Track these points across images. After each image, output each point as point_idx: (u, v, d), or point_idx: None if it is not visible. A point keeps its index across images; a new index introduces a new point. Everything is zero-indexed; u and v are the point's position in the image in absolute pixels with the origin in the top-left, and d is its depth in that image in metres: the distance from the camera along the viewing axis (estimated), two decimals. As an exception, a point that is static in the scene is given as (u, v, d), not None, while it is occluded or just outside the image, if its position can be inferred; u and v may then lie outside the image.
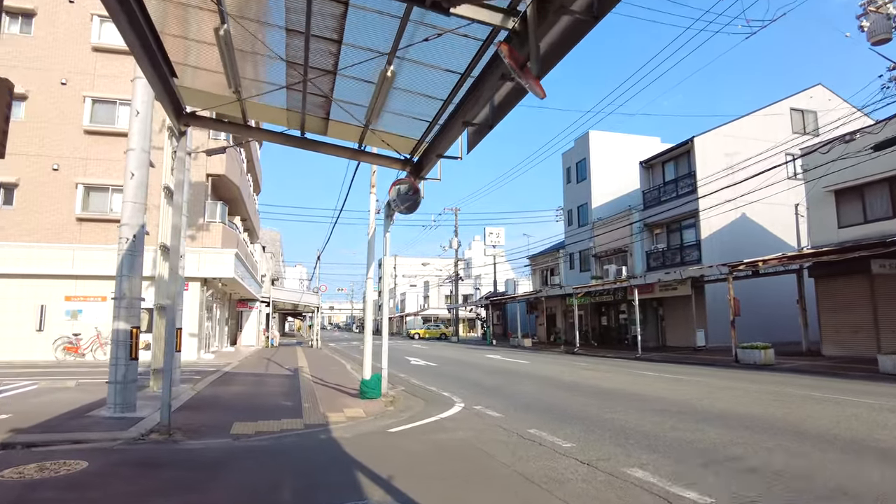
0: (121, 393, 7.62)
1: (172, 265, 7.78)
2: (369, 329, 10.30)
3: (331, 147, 7.71)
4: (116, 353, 7.70)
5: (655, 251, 29.18)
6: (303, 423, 7.85)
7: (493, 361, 20.29)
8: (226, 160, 20.57)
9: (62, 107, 19.25)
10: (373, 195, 10.43)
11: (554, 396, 10.45)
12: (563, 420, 7.94)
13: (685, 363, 19.30)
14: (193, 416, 8.16)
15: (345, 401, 9.95)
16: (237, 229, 23.85)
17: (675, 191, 28.14)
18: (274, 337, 35.37)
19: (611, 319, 32.91)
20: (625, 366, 17.81)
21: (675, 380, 12.93)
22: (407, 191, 8.17)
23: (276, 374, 15.57)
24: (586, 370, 15.90)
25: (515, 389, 11.62)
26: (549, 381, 13.04)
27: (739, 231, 26.95)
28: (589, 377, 13.91)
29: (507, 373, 15.44)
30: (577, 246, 35.75)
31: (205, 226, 20.00)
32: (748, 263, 19.01)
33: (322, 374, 15.59)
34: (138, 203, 8.30)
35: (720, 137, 27.51)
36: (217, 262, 19.66)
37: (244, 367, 17.44)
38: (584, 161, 35.63)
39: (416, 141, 7.42)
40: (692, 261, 26.78)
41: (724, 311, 25.94)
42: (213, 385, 12.07)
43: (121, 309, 7.82)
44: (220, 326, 27.18)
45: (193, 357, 19.32)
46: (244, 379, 13.73)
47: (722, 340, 25.25)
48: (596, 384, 12.32)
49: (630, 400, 9.77)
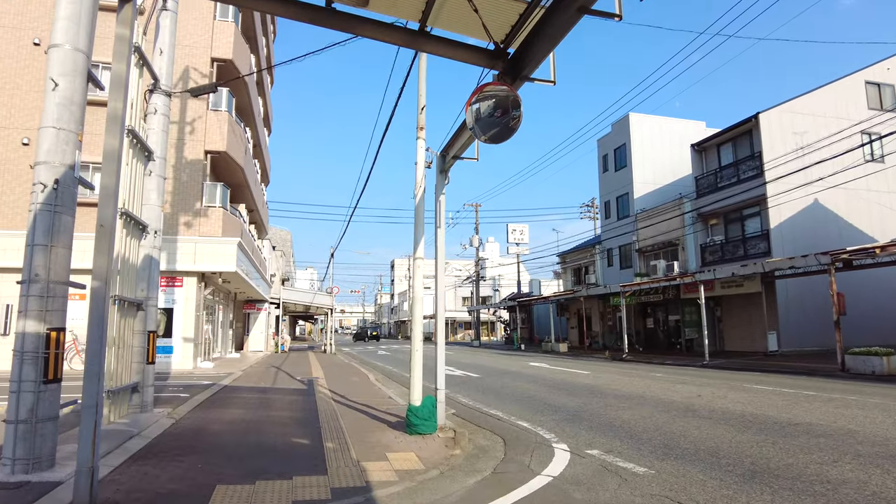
0: (24, 439, 4.54)
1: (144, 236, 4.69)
2: (418, 334, 7.14)
3: (373, 26, 4.61)
4: (19, 372, 4.63)
5: (712, 244, 25.83)
6: (328, 486, 4.75)
7: (541, 371, 17.08)
8: (227, 134, 17.58)
9: (35, 72, 16.38)
10: (421, 140, 7.32)
11: (682, 427, 7.26)
12: (767, 482, 4.76)
13: (773, 372, 15.98)
14: (152, 472, 5.07)
15: (384, 437, 6.83)
16: (241, 218, 20.84)
17: (736, 175, 24.80)
18: (284, 342, 32.36)
19: (658, 321, 29.53)
20: (708, 376, 14.53)
21: (825, 399, 9.66)
22: (494, 108, 5.06)
23: (286, 388, 12.48)
24: (669, 382, 12.68)
25: (615, 415, 8.43)
26: (645, 401, 9.84)
27: (812, 219, 23.57)
28: (688, 394, 10.68)
29: (573, 388, 12.25)
30: (616, 241, 32.44)
31: (202, 211, 17.01)
32: (857, 251, 15.68)
33: (343, 387, 12.50)
34: (65, 131, 5.24)
35: (787, 114, 24.15)
36: (216, 254, 16.64)
37: (247, 379, 14.37)
38: (623, 147, 32.35)
39: (512, 23, 4.34)
40: (758, 253, 23.42)
41: (799, 310, 22.57)
42: (202, 408, 8.99)
43: (30, 298, 4.75)
44: (223, 330, 24.19)
45: (189, 366, 16.30)
46: (245, 397, 10.63)
47: (797, 344, 21.89)
48: (717, 406, 9.09)
49: (814, 436, 6.55)
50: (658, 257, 28.71)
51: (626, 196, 31.96)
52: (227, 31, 17.99)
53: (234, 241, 16.91)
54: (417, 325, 7.16)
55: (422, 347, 7.08)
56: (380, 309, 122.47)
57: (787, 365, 17.46)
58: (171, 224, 16.75)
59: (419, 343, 7.05)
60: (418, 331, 7.14)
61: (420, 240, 7.24)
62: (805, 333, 22.12)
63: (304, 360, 23.44)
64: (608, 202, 33.89)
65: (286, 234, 62.11)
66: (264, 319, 31.16)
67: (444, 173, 7.45)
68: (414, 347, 7.04)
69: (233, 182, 20.08)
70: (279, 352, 31.41)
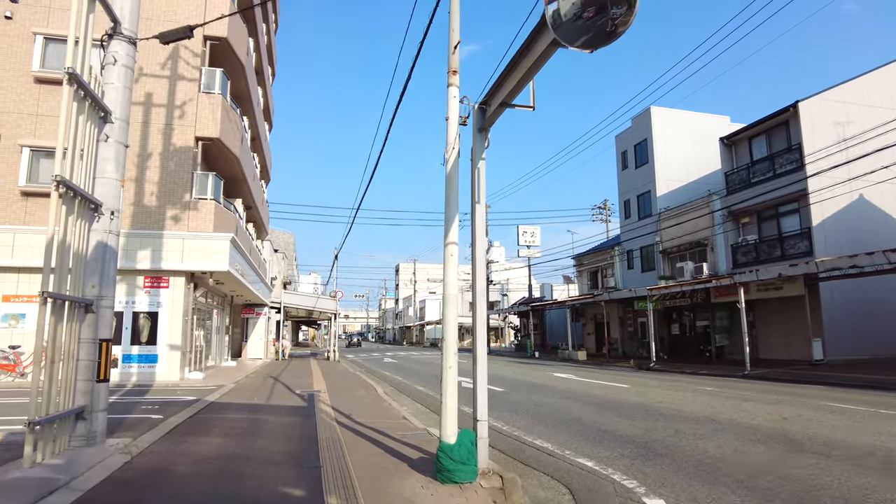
0: None
1: None
2: (452, 344, 5.30)
3: None
4: None
5: (744, 244, 23.94)
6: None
7: (571, 384, 15.23)
8: (220, 119, 15.84)
9: (5, 47, 14.70)
10: (454, 88, 5.53)
11: (803, 472, 5.43)
12: None
13: (837, 385, 14.08)
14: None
15: (406, 484, 5.00)
16: (237, 214, 19.08)
17: (772, 170, 22.94)
18: (284, 348, 30.53)
19: (684, 328, 27.60)
20: (768, 391, 12.63)
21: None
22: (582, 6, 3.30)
23: (282, 405, 10.66)
24: (727, 399, 10.83)
25: (697, 448, 6.60)
26: (721, 426, 7.99)
27: (857, 217, 21.69)
28: (767, 416, 8.82)
29: (622, 407, 10.42)
30: (638, 241, 30.57)
31: (192, 203, 15.25)
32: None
33: (348, 404, 10.68)
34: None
35: (827, 103, 22.32)
36: (207, 251, 14.87)
37: (239, 394, 12.55)
38: (644, 142, 30.51)
39: None
40: (798, 253, 21.55)
41: (845, 315, 20.70)
42: (173, 437, 7.17)
43: None
44: (218, 336, 22.40)
45: (175, 377, 14.51)
46: (230, 419, 8.82)
47: (843, 352, 19.98)
48: (819, 434, 7.24)
49: None
50: (684, 259, 26.84)
51: (648, 194, 30.11)
52: (221, 5, 16.28)
53: (227, 237, 15.13)
54: (451, 331, 5.31)
55: (457, 363, 5.24)
56: (384, 314, 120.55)
57: (847, 377, 15.53)
58: (157, 218, 15.01)
59: (453, 357, 5.22)
60: (452, 339, 5.30)
61: (454, 218, 5.43)
62: (852, 341, 20.21)
63: (305, 369, 21.62)
64: (628, 201, 32.03)
65: (289, 236, 60.41)
66: (264, 325, 29.36)
67: (483, 132, 5.65)
68: (446, 363, 5.21)
69: (228, 174, 18.34)
70: (280, 359, 29.59)
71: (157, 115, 15.46)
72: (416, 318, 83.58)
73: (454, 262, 5.39)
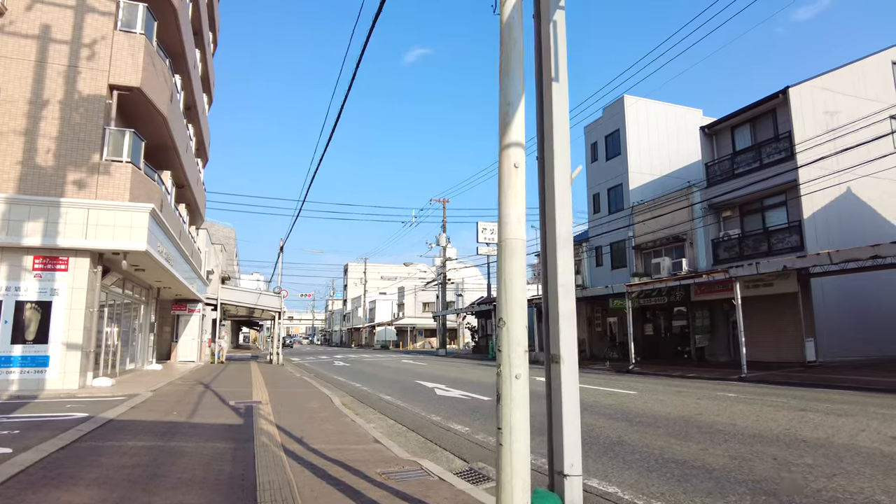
0: None
1: None
2: (521, 350, 2.81)
3: None
4: None
5: (726, 238, 22.54)
6: None
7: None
8: (142, 65, 12.78)
9: None
10: None
11: None
12: None
13: (847, 388, 12.43)
14: None
15: None
16: (163, 186, 15.90)
17: (758, 160, 21.62)
18: (221, 350, 27.13)
19: (659, 328, 26.04)
20: (784, 395, 10.76)
21: None
22: None
23: (208, 424, 7.87)
24: (749, 405, 8.86)
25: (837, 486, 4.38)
26: (837, 452, 5.87)
27: (845, 210, 20.61)
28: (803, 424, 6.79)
29: (653, 420, 8.22)
30: (607, 237, 28.93)
31: (102, 166, 12.14)
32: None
33: (299, 421, 8.01)
34: None
35: (817, 91, 21.19)
36: (120, 226, 11.79)
37: (153, 407, 9.60)
38: (617, 133, 28.92)
39: None
40: (787, 248, 20.23)
41: (837, 314, 19.47)
42: (12, 491, 4.38)
43: None
44: (142, 335, 19.05)
45: (73, 384, 11.36)
46: (123, 452, 6.00)
47: (836, 353, 18.71)
48: None
49: None
50: (660, 255, 25.29)
51: (620, 187, 28.53)
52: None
53: (147, 208, 12.08)
54: (518, 310, 2.84)
55: (527, 388, 2.77)
56: (331, 316, 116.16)
57: (850, 379, 14.02)
58: (54, 182, 11.83)
59: (522, 358, 2.73)
60: (520, 327, 2.83)
61: (518, 98, 2.96)
62: (845, 341, 18.99)
63: (244, 374, 18.57)
64: (597, 194, 30.40)
65: (230, 231, 56.31)
66: (198, 323, 25.91)
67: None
68: (508, 369, 2.72)
69: (153, 139, 15.18)
70: (216, 362, 26.17)
71: (56, 54, 12.26)
72: (366, 320, 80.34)
73: (519, 179, 2.92)
